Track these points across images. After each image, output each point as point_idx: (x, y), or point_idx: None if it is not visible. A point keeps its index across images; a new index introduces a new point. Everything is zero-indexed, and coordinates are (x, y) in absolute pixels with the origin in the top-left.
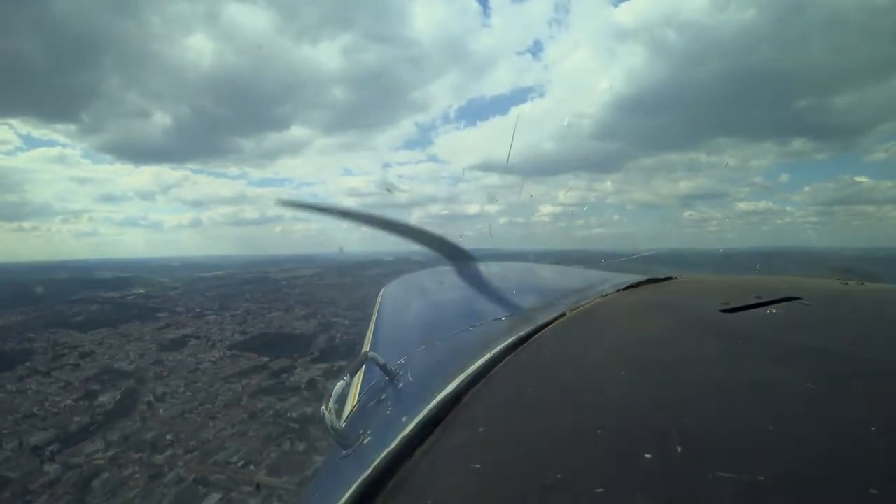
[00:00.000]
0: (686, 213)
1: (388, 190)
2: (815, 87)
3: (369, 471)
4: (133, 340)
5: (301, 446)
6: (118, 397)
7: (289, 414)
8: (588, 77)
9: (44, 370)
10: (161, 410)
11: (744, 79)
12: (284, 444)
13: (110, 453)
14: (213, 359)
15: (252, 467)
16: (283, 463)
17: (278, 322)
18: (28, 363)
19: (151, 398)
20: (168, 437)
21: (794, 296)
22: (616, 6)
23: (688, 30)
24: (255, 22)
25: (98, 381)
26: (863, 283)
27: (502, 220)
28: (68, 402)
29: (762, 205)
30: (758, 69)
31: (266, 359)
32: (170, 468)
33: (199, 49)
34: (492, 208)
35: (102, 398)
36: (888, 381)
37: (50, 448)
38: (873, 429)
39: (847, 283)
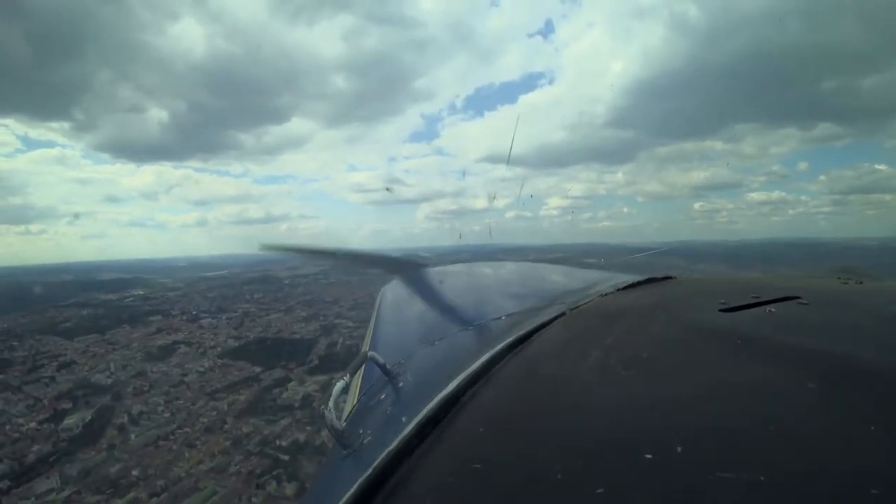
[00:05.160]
0: (697, 205)
1: (388, 189)
2: (844, 67)
3: (369, 471)
4: (119, 348)
5: (290, 488)
6: (88, 418)
7: (278, 442)
8: (603, 60)
9: (16, 384)
10: (133, 436)
11: (768, 58)
12: (269, 483)
13: (65, 493)
14: (201, 369)
15: None
16: None
17: (277, 325)
18: (2, 375)
19: (125, 419)
20: (134, 472)
21: (792, 295)
22: None
23: (709, 3)
24: (247, 1)
25: (70, 397)
26: (861, 282)
27: (510, 215)
28: (32, 424)
29: (775, 195)
30: (784, 47)
31: (259, 369)
32: None
33: (189, 35)
34: (499, 203)
35: (70, 420)
36: (887, 380)
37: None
38: (872, 428)
39: (846, 282)
